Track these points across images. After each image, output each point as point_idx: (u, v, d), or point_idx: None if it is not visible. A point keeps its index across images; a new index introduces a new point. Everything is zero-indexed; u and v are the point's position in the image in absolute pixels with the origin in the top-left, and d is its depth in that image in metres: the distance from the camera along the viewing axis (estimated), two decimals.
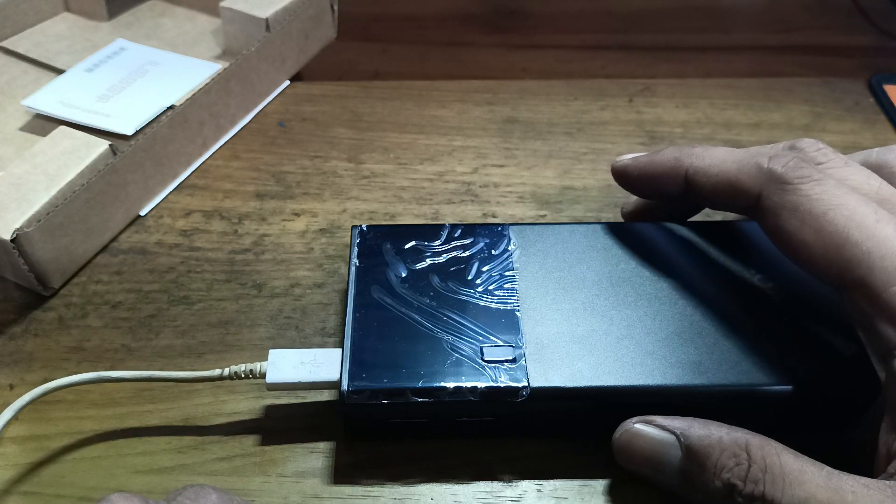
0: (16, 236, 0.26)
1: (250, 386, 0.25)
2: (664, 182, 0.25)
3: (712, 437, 0.20)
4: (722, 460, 0.20)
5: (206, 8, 0.42)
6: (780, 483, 0.19)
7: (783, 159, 0.22)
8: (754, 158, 0.22)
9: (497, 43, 0.44)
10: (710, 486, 0.20)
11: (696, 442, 0.20)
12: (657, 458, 0.21)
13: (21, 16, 0.40)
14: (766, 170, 0.22)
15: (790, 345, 0.23)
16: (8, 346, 0.27)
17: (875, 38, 0.46)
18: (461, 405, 0.22)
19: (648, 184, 0.26)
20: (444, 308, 0.24)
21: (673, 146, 0.25)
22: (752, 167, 0.22)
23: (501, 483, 0.23)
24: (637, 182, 0.26)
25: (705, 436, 0.20)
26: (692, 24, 0.46)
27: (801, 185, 0.21)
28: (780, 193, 0.21)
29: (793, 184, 0.21)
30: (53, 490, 0.23)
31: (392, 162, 0.35)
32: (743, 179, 0.22)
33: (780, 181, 0.21)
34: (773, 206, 0.21)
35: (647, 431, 0.21)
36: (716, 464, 0.20)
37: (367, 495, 0.23)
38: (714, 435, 0.20)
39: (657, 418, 0.21)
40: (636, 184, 0.26)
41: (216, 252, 0.30)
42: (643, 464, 0.21)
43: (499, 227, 0.27)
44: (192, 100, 0.33)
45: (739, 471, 0.19)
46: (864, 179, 0.22)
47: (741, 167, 0.23)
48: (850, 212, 0.20)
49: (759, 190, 0.22)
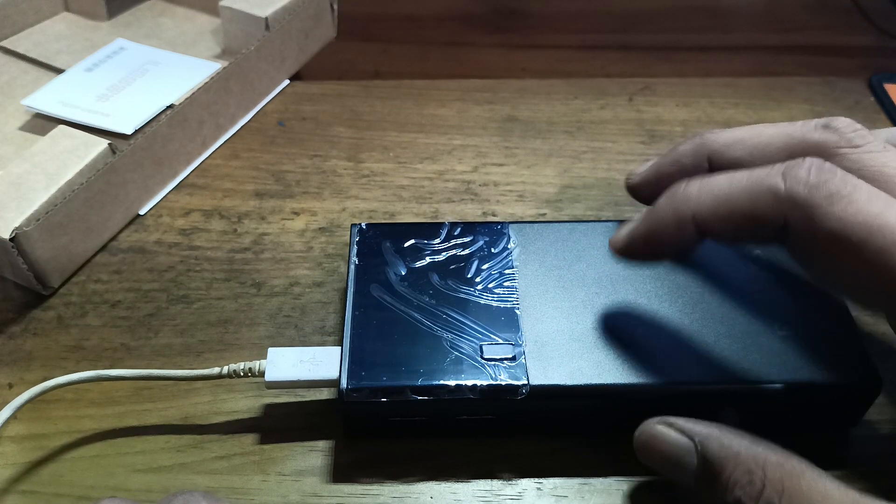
0: (15, 235, 0.26)
1: (249, 384, 0.25)
2: (676, 242, 0.21)
3: (730, 448, 0.19)
4: (735, 476, 0.19)
5: (206, 7, 0.42)
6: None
7: (802, 174, 0.19)
8: (766, 181, 0.19)
9: (497, 43, 0.44)
10: (722, 500, 0.19)
11: (712, 452, 0.19)
12: (674, 461, 0.20)
13: (21, 16, 0.40)
14: (786, 195, 0.18)
15: (791, 343, 0.23)
16: (7, 345, 0.27)
17: (875, 37, 0.46)
18: (461, 403, 0.22)
19: (661, 251, 0.22)
20: (443, 306, 0.24)
21: (665, 194, 0.21)
22: (767, 195, 0.19)
23: (501, 481, 0.23)
24: (648, 253, 0.22)
25: (723, 447, 0.19)
26: (692, 24, 0.46)
27: (832, 207, 0.18)
28: (808, 222, 0.18)
29: (822, 207, 0.18)
30: (52, 489, 0.23)
31: (392, 161, 0.35)
32: (761, 212, 0.19)
33: (805, 206, 0.18)
34: (803, 238, 0.19)
35: (667, 434, 0.20)
36: (729, 478, 0.19)
37: (367, 494, 0.23)
38: (733, 447, 0.19)
39: (679, 421, 0.20)
40: (648, 256, 0.22)
41: (215, 251, 0.30)
42: (661, 465, 0.21)
43: (498, 225, 0.27)
44: (191, 99, 0.33)
45: (752, 490, 0.18)
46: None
47: (754, 197, 0.19)
48: (893, 229, 0.17)
49: (782, 220, 0.19)
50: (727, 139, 0.22)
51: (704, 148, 0.22)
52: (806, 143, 0.21)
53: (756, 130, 0.22)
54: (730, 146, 0.22)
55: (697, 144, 0.23)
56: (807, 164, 0.19)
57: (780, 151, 0.21)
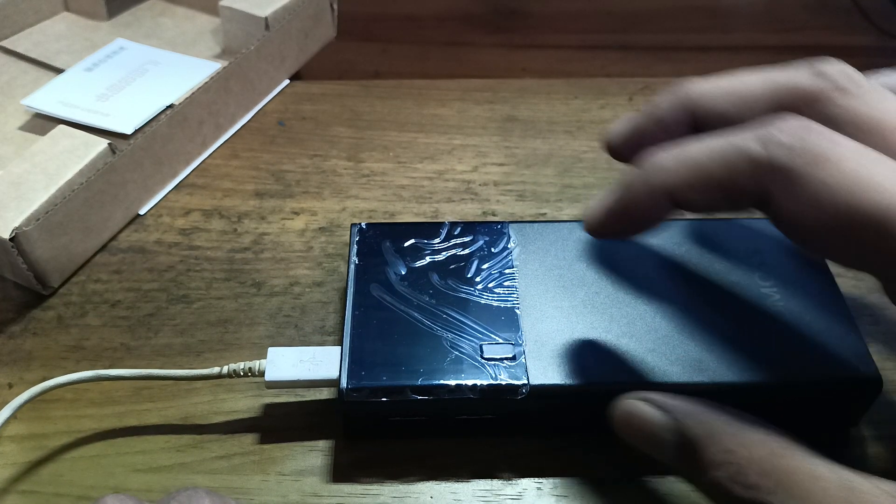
0: (15, 235, 0.26)
1: (249, 384, 0.25)
2: (652, 217, 0.20)
3: (710, 425, 0.18)
4: (715, 455, 0.17)
5: (206, 7, 0.42)
6: (782, 489, 0.16)
7: (783, 137, 0.17)
8: (743, 148, 0.17)
9: (497, 43, 0.44)
10: (703, 479, 0.18)
11: (691, 429, 0.18)
12: (652, 438, 0.19)
13: (21, 15, 0.40)
14: (766, 161, 0.17)
15: (791, 342, 0.23)
16: (7, 345, 0.27)
17: (875, 38, 0.46)
18: (461, 403, 0.22)
19: (636, 227, 0.20)
20: (443, 306, 0.24)
21: (638, 166, 0.19)
22: (745, 162, 0.17)
23: (501, 481, 0.23)
24: (622, 230, 0.21)
25: (702, 424, 0.18)
26: (692, 24, 0.46)
27: (816, 171, 0.16)
28: (790, 189, 0.17)
29: (804, 172, 0.17)
30: (52, 489, 0.23)
31: (392, 160, 0.35)
32: (740, 181, 0.18)
33: (787, 172, 0.17)
34: (786, 206, 0.17)
35: (644, 410, 0.19)
36: (708, 458, 0.17)
37: (367, 494, 0.22)
38: (713, 424, 0.18)
39: (658, 396, 0.19)
40: (623, 233, 0.21)
41: (215, 251, 0.30)
42: (639, 442, 0.20)
43: (498, 224, 0.27)
44: (191, 99, 0.33)
45: (731, 470, 0.17)
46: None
47: (731, 166, 0.18)
48: (886, 192, 0.16)
49: (762, 188, 0.17)
50: (709, 90, 0.20)
51: (685, 101, 0.21)
52: (796, 91, 0.19)
53: (740, 77, 0.20)
54: (712, 98, 0.20)
55: (677, 97, 0.21)
56: (787, 124, 0.17)
57: (766, 102, 0.19)
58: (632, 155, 0.21)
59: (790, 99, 0.19)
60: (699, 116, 0.20)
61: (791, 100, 0.19)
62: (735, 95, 0.20)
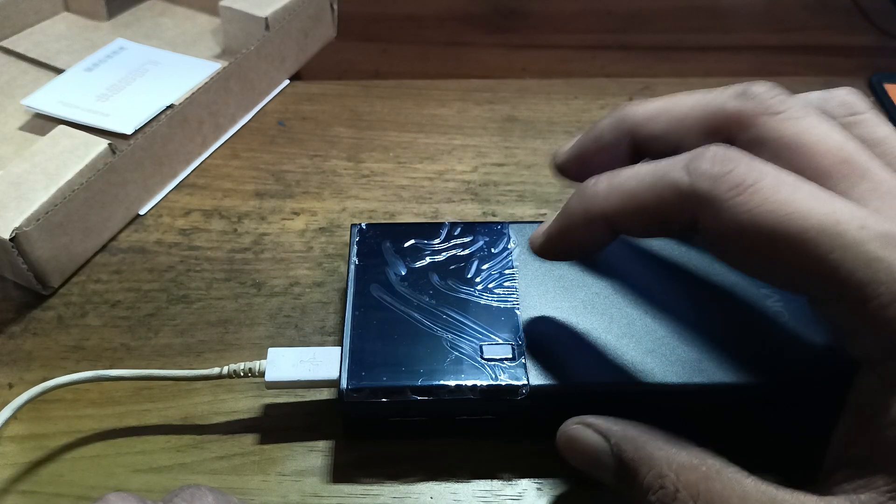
0: (15, 235, 0.26)
1: (249, 385, 0.25)
2: (590, 241, 0.21)
3: (643, 450, 0.19)
4: (649, 479, 0.18)
5: (206, 7, 0.42)
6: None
7: (705, 166, 0.18)
8: (669, 177, 0.18)
9: (497, 43, 0.44)
10: (641, 503, 0.18)
11: (627, 454, 0.19)
12: (593, 462, 0.20)
13: (21, 16, 0.40)
14: (689, 190, 0.18)
15: (790, 343, 0.23)
16: (7, 345, 0.27)
17: (875, 37, 0.46)
18: (461, 403, 0.22)
19: (576, 250, 0.22)
20: (443, 306, 0.24)
21: (575, 193, 0.20)
22: (671, 191, 0.18)
23: (501, 482, 0.23)
24: (564, 253, 0.22)
25: (637, 449, 0.19)
26: (692, 24, 0.46)
27: (737, 199, 0.17)
28: (715, 216, 0.17)
29: (727, 200, 0.17)
30: (52, 489, 0.23)
31: (392, 161, 0.35)
32: (668, 209, 0.18)
33: (710, 200, 0.17)
34: (712, 232, 0.18)
35: (584, 434, 0.20)
36: (643, 482, 0.18)
37: (367, 494, 0.23)
38: (646, 448, 0.19)
39: (597, 420, 0.20)
40: (564, 256, 0.22)
41: (215, 251, 0.30)
42: (582, 466, 0.20)
43: (498, 225, 0.27)
44: (191, 99, 0.33)
45: (664, 495, 0.18)
46: (823, 135, 0.18)
47: (659, 194, 0.18)
48: (805, 216, 0.17)
49: (690, 216, 0.18)
50: (646, 112, 0.21)
51: (625, 123, 0.21)
52: (723, 113, 0.20)
53: (675, 101, 0.21)
54: (649, 120, 0.21)
55: (618, 119, 0.22)
56: (710, 153, 0.18)
57: (697, 124, 0.20)
58: (577, 175, 0.22)
59: (720, 121, 0.20)
60: (638, 139, 0.21)
61: (721, 122, 0.20)
62: (671, 119, 0.21)
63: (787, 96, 0.19)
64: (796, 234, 0.17)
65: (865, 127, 0.20)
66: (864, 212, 0.17)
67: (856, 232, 0.16)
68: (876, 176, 0.18)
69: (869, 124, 0.20)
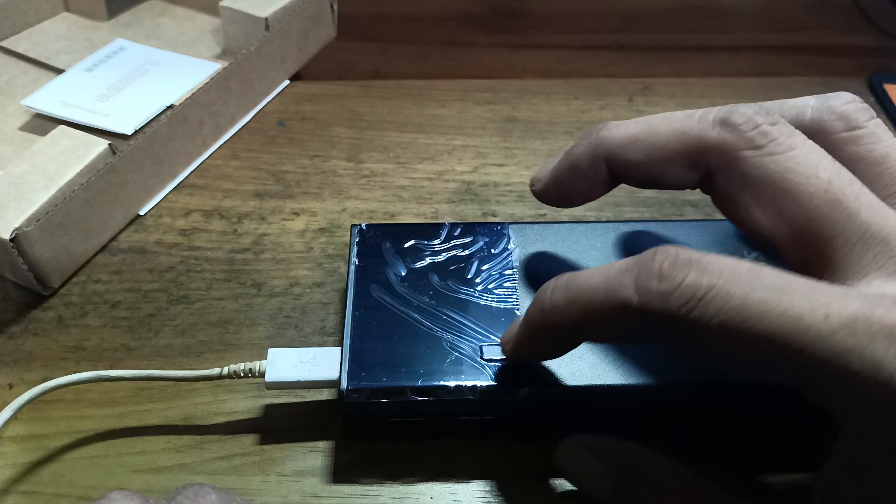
0: (15, 235, 0.26)
1: (249, 385, 0.25)
2: (557, 347, 0.20)
3: (637, 474, 0.19)
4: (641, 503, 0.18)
5: (206, 7, 0.42)
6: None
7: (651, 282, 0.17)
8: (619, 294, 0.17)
9: (497, 43, 0.44)
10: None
11: (620, 478, 0.19)
12: (589, 485, 0.20)
13: (21, 16, 0.40)
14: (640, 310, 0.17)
15: None
16: (7, 346, 0.27)
17: (875, 37, 0.46)
18: (461, 404, 0.22)
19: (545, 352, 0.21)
20: (443, 307, 0.24)
21: (535, 299, 0.20)
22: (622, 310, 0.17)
23: (501, 482, 0.23)
24: (562, 197, 0.22)
25: (631, 473, 0.19)
26: (692, 24, 0.46)
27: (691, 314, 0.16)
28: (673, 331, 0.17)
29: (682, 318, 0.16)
30: (52, 489, 0.23)
31: (392, 161, 0.35)
32: (624, 329, 0.18)
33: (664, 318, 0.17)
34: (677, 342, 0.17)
35: (580, 457, 0.20)
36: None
37: (367, 494, 0.23)
38: (641, 474, 0.19)
39: (594, 442, 0.20)
40: (562, 199, 0.22)
41: (215, 251, 0.30)
42: (579, 487, 0.21)
43: (498, 225, 0.27)
44: (191, 99, 0.33)
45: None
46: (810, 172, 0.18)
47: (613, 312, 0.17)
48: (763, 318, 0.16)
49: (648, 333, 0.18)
50: (622, 139, 0.20)
51: (601, 149, 0.21)
52: (703, 145, 0.19)
53: (651, 127, 0.20)
54: (625, 147, 0.20)
55: (593, 146, 0.21)
56: (656, 266, 0.17)
57: (676, 155, 0.19)
58: (557, 201, 0.23)
59: (700, 153, 0.19)
60: (615, 167, 0.21)
61: (701, 154, 0.19)
62: (648, 148, 0.20)
63: (769, 125, 0.18)
64: (757, 340, 0.16)
65: (864, 144, 0.19)
66: (828, 293, 0.16)
67: (820, 325, 0.15)
68: (863, 219, 0.17)
69: (868, 140, 0.19)
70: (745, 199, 0.19)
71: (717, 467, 0.21)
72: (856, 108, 0.19)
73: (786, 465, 0.23)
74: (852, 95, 0.20)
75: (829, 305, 0.15)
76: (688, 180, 0.20)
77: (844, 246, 0.17)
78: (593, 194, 0.22)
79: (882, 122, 0.20)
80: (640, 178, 0.21)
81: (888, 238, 0.17)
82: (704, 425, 0.24)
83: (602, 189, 0.22)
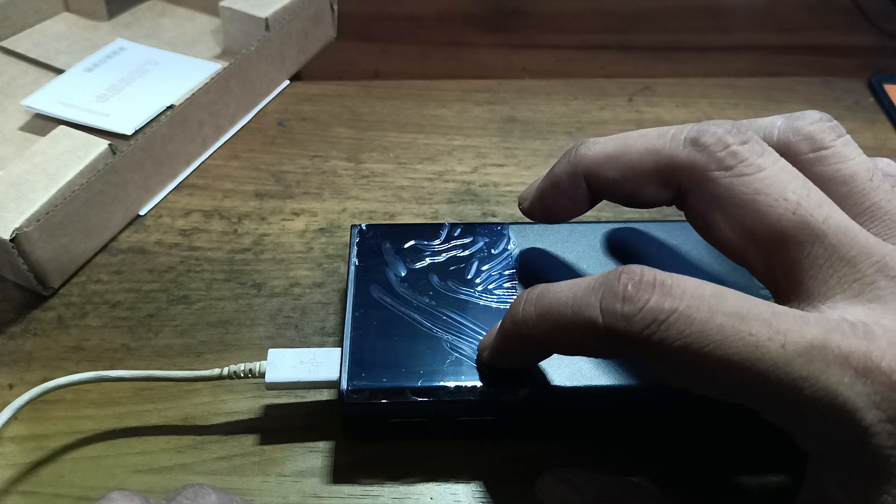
0: (15, 236, 0.26)
1: (249, 385, 0.25)
2: (529, 359, 0.22)
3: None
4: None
5: (206, 8, 0.42)
6: None
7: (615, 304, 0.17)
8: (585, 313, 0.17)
9: (497, 43, 0.44)
10: None
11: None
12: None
13: (21, 16, 0.40)
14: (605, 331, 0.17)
15: None
16: (7, 346, 0.27)
17: (875, 37, 0.46)
18: (461, 404, 0.22)
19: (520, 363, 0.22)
20: (443, 307, 0.24)
21: (508, 312, 0.20)
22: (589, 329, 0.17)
23: (501, 482, 0.23)
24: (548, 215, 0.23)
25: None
26: (692, 24, 0.46)
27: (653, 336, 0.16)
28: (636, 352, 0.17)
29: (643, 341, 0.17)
30: (52, 489, 0.23)
31: (392, 161, 0.35)
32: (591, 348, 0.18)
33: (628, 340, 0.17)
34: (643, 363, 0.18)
35: (559, 491, 0.20)
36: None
37: (367, 495, 0.23)
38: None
39: (573, 476, 0.20)
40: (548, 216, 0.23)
41: (215, 252, 0.30)
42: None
43: (498, 226, 0.27)
44: (191, 99, 0.33)
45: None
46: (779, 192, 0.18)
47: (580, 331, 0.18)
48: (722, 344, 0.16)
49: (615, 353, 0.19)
50: (598, 158, 0.21)
51: (579, 168, 0.21)
52: (674, 165, 0.19)
53: (627, 145, 0.21)
54: (601, 166, 0.21)
55: (572, 164, 0.22)
56: (621, 288, 0.17)
57: (650, 175, 0.20)
58: (544, 217, 0.23)
59: (672, 173, 0.20)
60: (593, 185, 0.21)
61: (672, 174, 0.20)
62: (623, 167, 0.21)
63: (740, 144, 0.18)
64: (716, 365, 0.16)
65: (830, 164, 0.19)
66: (788, 320, 0.16)
67: (777, 352, 0.16)
68: (830, 241, 0.17)
69: (834, 160, 0.19)
70: (715, 218, 0.19)
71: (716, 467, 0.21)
72: (822, 127, 0.20)
73: (777, 467, 0.23)
74: (819, 114, 0.20)
75: (787, 333, 0.16)
76: (662, 198, 0.20)
77: (811, 268, 0.17)
78: (578, 210, 0.23)
79: (851, 140, 0.20)
80: (618, 195, 0.21)
81: (855, 260, 0.17)
82: (704, 425, 0.24)
83: (584, 205, 0.22)
